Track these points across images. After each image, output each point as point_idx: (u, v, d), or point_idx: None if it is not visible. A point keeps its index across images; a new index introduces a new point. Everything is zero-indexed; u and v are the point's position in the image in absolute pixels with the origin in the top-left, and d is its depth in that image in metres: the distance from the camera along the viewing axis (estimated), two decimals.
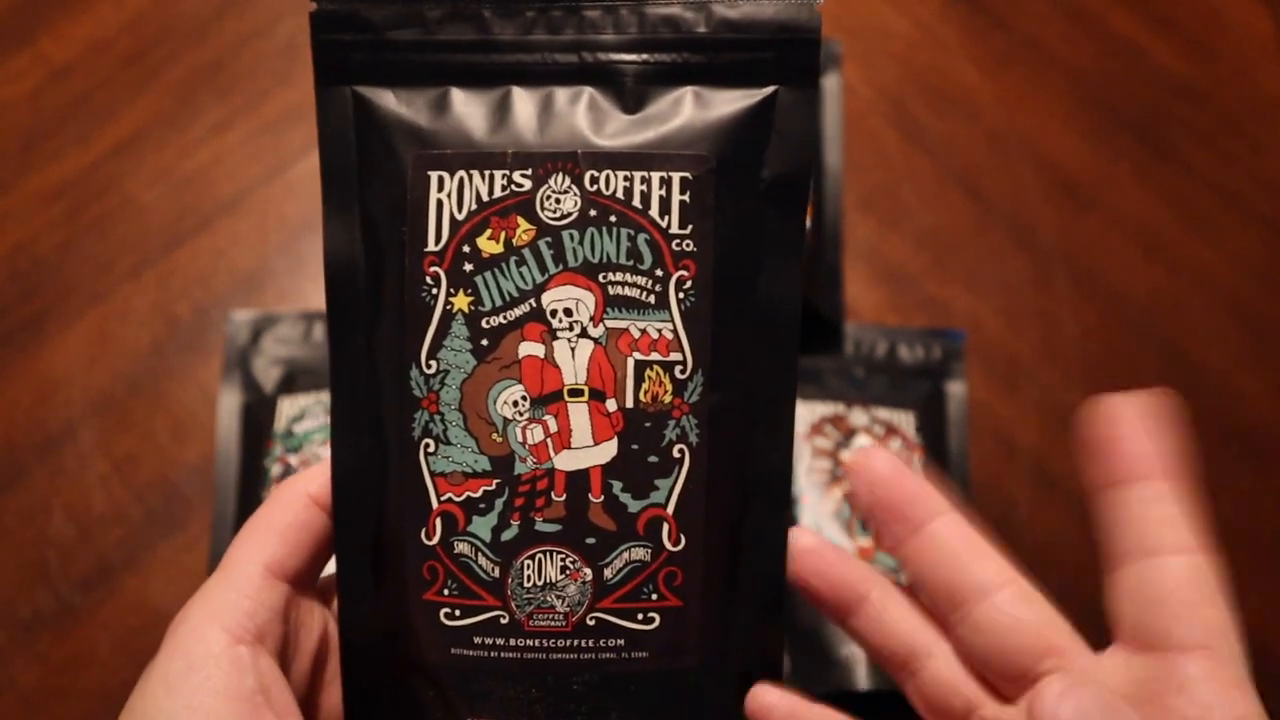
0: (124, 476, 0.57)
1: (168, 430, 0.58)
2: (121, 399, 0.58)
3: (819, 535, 0.35)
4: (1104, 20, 0.71)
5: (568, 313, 0.32)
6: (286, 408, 0.56)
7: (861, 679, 0.50)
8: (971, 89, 0.68)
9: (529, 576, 0.32)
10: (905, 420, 0.58)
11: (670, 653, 0.32)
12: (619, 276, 0.32)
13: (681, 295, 0.32)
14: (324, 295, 0.55)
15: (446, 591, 0.32)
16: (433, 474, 0.32)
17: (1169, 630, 0.29)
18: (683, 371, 0.32)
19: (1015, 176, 0.66)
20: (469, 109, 0.32)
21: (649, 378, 0.32)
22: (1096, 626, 0.57)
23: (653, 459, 0.32)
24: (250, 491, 0.55)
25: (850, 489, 0.34)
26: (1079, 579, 0.57)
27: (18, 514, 0.56)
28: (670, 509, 0.32)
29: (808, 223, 0.60)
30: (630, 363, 0.32)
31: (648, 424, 0.32)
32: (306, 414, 0.56)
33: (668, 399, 0.32)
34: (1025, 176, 0.66)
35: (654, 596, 0.32)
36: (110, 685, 0.53)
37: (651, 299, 0.32)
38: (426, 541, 0.32)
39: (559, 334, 0.32)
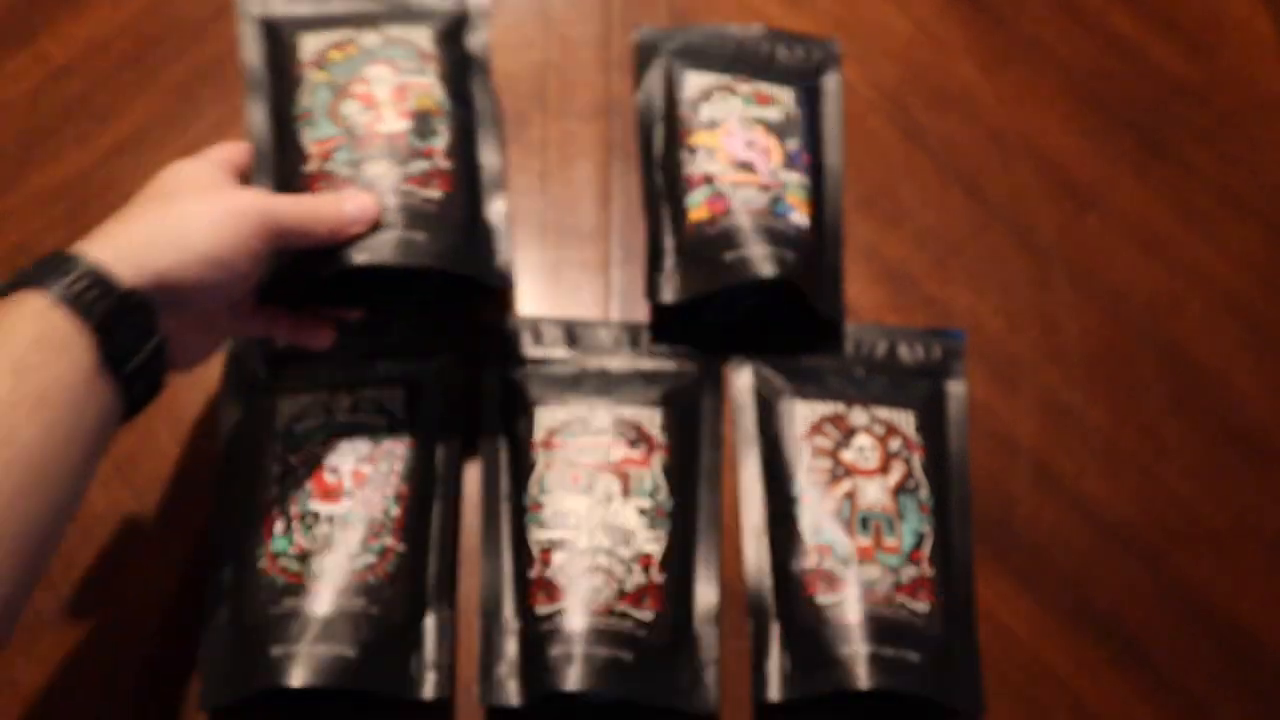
0: (124, 476, 0.57)
1: (168, 430, 0.58)
2: None
3: None
4: (1104, 20, 0.71)
5: None
6: (286, 407, 0.56)
7: (861, 679, 0.50)
8: (972, 88, 0.68)
9: None
10: (905, 420, 0.58)
11: None
12: None
13: None
14: (324, 291, 0.55)
15: None
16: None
17: None
18: None
19: (1015, 176, 0.66)
20: None
21: None
22: (1094, 626, 0.57)
23: None
24: (250, 491, 0.55)
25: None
26: (1079, 579, 0.57)
27: None
28: None
29: (807, 222, 0.60)
30: None
31: None
32: (306, 414, 0.56)
33: None
34: (1025, 176, 0.66)
35: None
36: (111, 686, 0.53)
37: None
38: None
39: None
